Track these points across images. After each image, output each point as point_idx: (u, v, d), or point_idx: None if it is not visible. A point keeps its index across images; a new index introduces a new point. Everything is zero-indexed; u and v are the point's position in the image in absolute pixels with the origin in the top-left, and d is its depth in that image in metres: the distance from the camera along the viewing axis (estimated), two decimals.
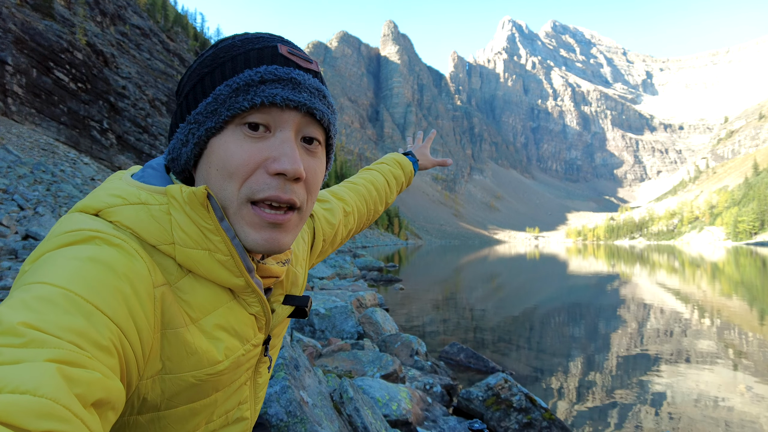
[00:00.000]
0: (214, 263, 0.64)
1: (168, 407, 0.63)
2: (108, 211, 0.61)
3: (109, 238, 0.56)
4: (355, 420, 2.30)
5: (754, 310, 9.68)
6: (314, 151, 0.70)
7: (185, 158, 0.67)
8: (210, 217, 0.63)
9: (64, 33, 29.48)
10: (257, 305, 0.71)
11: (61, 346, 0.43)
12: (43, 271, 0.51)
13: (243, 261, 0.67)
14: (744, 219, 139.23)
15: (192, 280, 0.64)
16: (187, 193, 0.63)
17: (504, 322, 8.41)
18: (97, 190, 0.65)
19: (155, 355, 0.59)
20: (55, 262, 0.52)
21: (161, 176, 0.70)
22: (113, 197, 0.62)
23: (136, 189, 0.64)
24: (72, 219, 0.60)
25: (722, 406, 4.26)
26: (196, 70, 0.68)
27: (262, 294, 0.71)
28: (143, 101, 36.80)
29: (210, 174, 0.65)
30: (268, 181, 0.63)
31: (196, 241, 0.63)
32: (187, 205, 0.63)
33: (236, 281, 0.67)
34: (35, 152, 21.72)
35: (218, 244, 0.64)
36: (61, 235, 0.56)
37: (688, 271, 21.54)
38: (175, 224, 0.62)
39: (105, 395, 0.45)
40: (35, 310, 0.45)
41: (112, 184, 0.66)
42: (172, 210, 0.63)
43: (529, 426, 3.19)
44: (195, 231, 0.63)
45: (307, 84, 0.66)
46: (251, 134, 0.64)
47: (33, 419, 0.37)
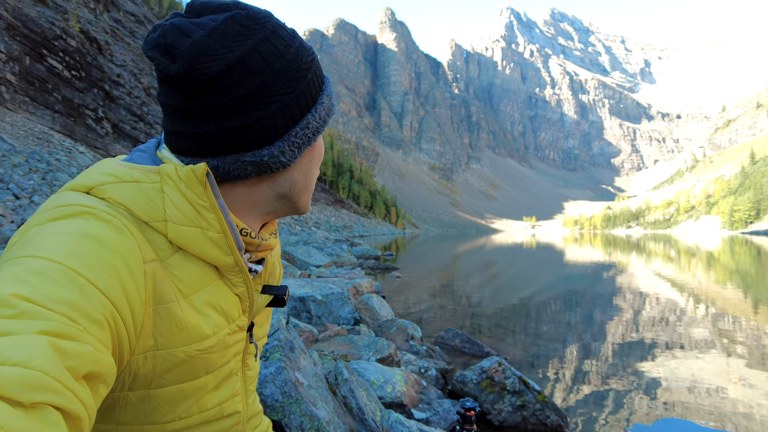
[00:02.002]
0: (206, 241, 0.65)
1: (159, 385, 0.63)
2: (100, 188, 0.61)
3: (99, 213, 0.57)
4: (350, 401, 2.33)
5: (749, 298, 9.77)
6: None
7: (287, 159, 0.71)
8: (207, 194, 0.65)
9: (57, 19, 29.12)
10: (242, 286, 0.72)
11: (53, 319, 0.43)
12: (34, 244, 0.51)
13: (235, 239, 0.68)
14: (740, 208, 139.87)
15: (182, 257, 0.65)
16: (185, 171, 0.64)
17: (500, 309, 8.47)
18: (89, 170, 0.66)
19: (147, 331, 0.59)
20: (46, 236, 0.52)
21: (151, 158, 0.71)
22: (106, 175, 0.63)
23: (128, 168, 0.65)
24: (62, 196, 0.60)
25: (716, 393, 4.32)
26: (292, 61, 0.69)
27: (248, 274, 0.72)
28: (138, 89, 36.51)
29: (311, 164, 0.77)
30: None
31: (189, 218, 0.64)
32: (183, 182, 0.64)
33: (226, 259, 0.68)
34: (30, 141, 21.58)
35: (212, 221, 0.65)
36: (52, 209, 0.56)
37: (684, 260, 21.68)
38: (168, 202, 0.63)
39: (96, 368, 0.45)
40: (27, 282, 0.45)
41: (104, 164, 0.67)
42: (165, 188, 0.64)
43: (522, 408, 3.23)
44: (189, 208, 0.64)
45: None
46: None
47: (24, 391, 0.37)
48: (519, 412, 3.23)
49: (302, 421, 1.97)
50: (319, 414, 2.04)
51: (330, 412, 2.18)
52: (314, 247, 16.74)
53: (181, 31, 0.62)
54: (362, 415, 2.29)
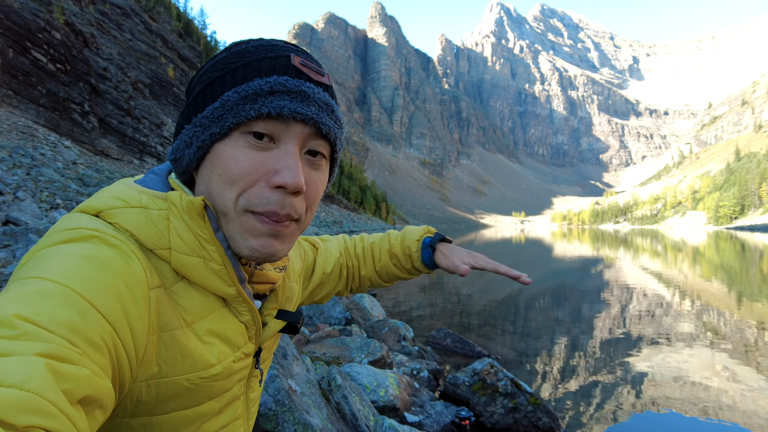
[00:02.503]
0: (207, 271, 0.65)
1: (161, 412, 0.63)
2: (109, 213, 0.62)
3: (108, 238, 0.57)
4: (343, 407, 2.32)
5: (732, 292, 9.92)
6: (318, 164, 0.71)
7: (188, 160, 0.68)
8: (206, 227, 0.64)
9: (40, 11, 28.54)
10: (248, 314, 0.72)
11: (52, 341, 0.43)
12: (41, 266, 0.51)
13: (236, 271, 0.68)
14: (725, 204, 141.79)
15: (186, 286, 0.65)
16: (185, 202, 0.63)
17: (489, 307, 8.51)
18: (101, 192, 0.66)
19: (151, 358, 0.59)
20: (53, 258, 0.52)
21: (162, 181, 0.71)
22: (115, 199, 0.63)
23: (138, 193, 0.65)
24: (73, 218, 0.60)
25: (701, 385, 4.39)
26: (207, 72, 0.68)
27: (252, 303, 0.72)
28: (125, 83, 35.95)
29: (212, 179, 0.65)
30: (268, 195, 0.64)
31: (191, 248, 0.63)
32: (186, 213, 0.63)
33: (228, 290, 0.67)
34: (14, 135, 21.18)
35: (212, 253, 0.65)
36: (61, 232, 0.57)
37: (670, 255, 21.95)
38: (173, 230, 0.63)
39: (93, 392, 0.45)
40: (31, 303, 0.45)
41: (116, 187, 0.67)
42: (171, 216, 0.64)
43: (514, 410, 3.25)
44: (191, 239, 0.63)
45: (316, 98, 0.67)
46: (256, 143, 0.64)
47: (18, 413, 0.36)
48: (511, 415, 3.25)
49: (296, 429, 1.96)
50: (313, 422, 2.03)
51: (323, 419, 2.16)
52: None
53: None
54: (356, 421, 2.28)
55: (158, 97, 43.17)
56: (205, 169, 0.67)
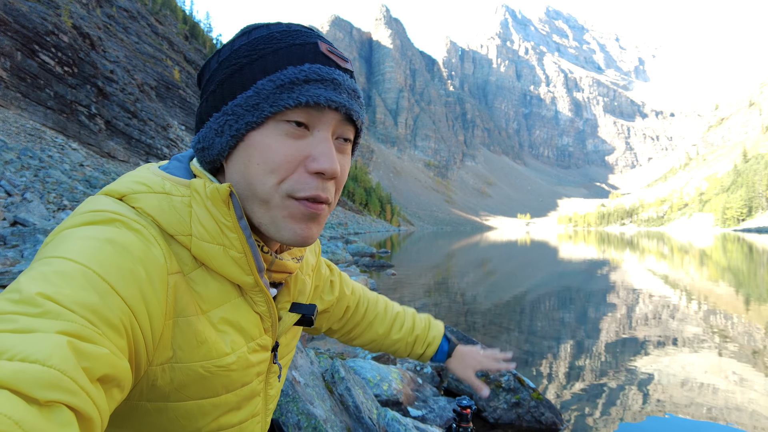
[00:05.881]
0: (227, 259, 0.65)
1: (177, 399, 0.64)
2: (132, 197, 0.62)
3: (129, 222, 0.58)
4: (346, 399, 2.34)
5: (740, 295, 9.87)
6: (345, 149, 0.72)
7: (219, 149, 0.67)
8: (230, 214, 0.65)
9: (48, 15, 28.85)
10: (263, 304, 0.72)
11: (74, 320, 0.44)
12: (64, 246, 0.52)
13: (255, 259, 0.68)
14: (732, 206, 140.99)
15: (204, 273, 0.66)
16: (210, 189, 0.64)
17: (495, 307, 8.50)
18: (124, 177, 0.67)
19: (167, 342, 0.60)
20: (75, 239, 0.53)
21: (185, 168, 0.72)
22: (138, 184, 0.64)
23: (161, 179, 0.66)
24: (97, 200, 0.61)
25: (708, 389, 4.37)
26: (230, 58, 0.67)
27: (268, 293, 0.72)
28: (132, 86, 36.24)
29: (250, 167, 0.65)
30: (309, 181, 0.65)
31: (212, 235, 0.64)
32: (209, 200, 0.64)
33: (246, 279, 0.68)
34: (22, 137, 21.40)
35: (234, 241, 0.65)
36: (85, 214, 0.58)
37: (677, 257, 21.84)
38: (194, 217, 0.64)
39: (111, 371, 0.46)
40: (53, 282, 0.47)
41: (139, 173, 0.68)
42: (193, 203, 0.65)
43: (517, 406, 3.26)
44: (213, 226, 0.64)
45: (345, 85, 0.68)
46: (293, 132, 0.64)
47: (40, 389, 0.38)
48: (514, 410, 3.26)
49: (299, 419, 1.98)
50: (316, 412, 2.05)
51: (327, 410, 2.19)
52: None
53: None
54: (359, 413, 2.30)
55: (164, 99, 43.49)
56: (240, 157, 0.66)
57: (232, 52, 0.67)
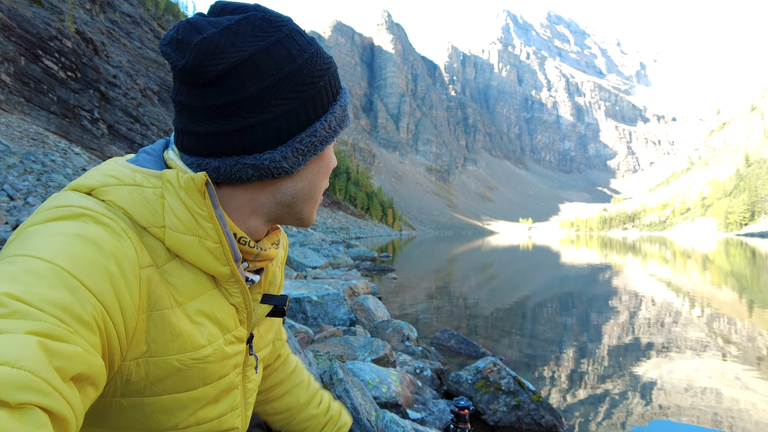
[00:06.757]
0: (202, 249, 0.65)
1: (152, 393, 0.62)
2: (101, 190, 0.61)
3: (98, 217, 0.56)
4: (344, 401, 2.33)
5: (743, 299, 9.82)
6: None
7: (290, 165, 0.69)
8: (206, 204, 0.64)
9: (52, 20, 29.00)
10: (239, 296, 0.72)
11: (43, 319, 0.43)
12: (30, 244, 0.50)
13: (231, 249, 0.68)
14: (734, 210, 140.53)
15: (179, 265, 0.65)
16: (185, 179, 0.63)
17: (496, 311, 8.47)
18: (92, 171, 0.65)
19: (140, 336, 0.59)
20: (42, 236, 0.52)
21: (156, 161, 0.70)
22: (108, 177, 0.63)
23: (131, 171, 0.65)
24: (63, 195, 0.59)
25: (712, 394, 4.34)
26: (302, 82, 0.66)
27: (244, 284, 0.72)
28: (134, 90, 36.39)
29: (319, 174, 0.75)
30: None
31: (187, 226, 0.63)
32: (183, 190, 0.63)
33: (222, 269, 0.67)
34: (25, 142, 21.48)
35: (209, 231, 0.65)
36: (51, 210, 0.56)
37: (680, 262, 21.77)
38: (167, 208, 0.63)
39: (85, 370, 0.45)
40: (21, 281, 0.45)
41: (108, 165, 0.66)
42: (166, 194, 0.64)
43: (517, 408, 3.24)
44: (187, 216, 0.63)
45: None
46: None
47: (11, 391, 0.36)
48: (514, 412, 3.24)
49: None
50: None
51: None
52: (310, 249, 16.73)
53: (194, 28, 0.61)
54: (357, 414, 2.29)
55: (167, 104, 43.61)
56: (312, 167, 0.73)
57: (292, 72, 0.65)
